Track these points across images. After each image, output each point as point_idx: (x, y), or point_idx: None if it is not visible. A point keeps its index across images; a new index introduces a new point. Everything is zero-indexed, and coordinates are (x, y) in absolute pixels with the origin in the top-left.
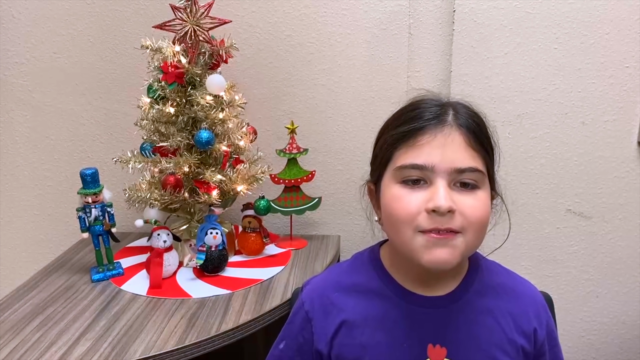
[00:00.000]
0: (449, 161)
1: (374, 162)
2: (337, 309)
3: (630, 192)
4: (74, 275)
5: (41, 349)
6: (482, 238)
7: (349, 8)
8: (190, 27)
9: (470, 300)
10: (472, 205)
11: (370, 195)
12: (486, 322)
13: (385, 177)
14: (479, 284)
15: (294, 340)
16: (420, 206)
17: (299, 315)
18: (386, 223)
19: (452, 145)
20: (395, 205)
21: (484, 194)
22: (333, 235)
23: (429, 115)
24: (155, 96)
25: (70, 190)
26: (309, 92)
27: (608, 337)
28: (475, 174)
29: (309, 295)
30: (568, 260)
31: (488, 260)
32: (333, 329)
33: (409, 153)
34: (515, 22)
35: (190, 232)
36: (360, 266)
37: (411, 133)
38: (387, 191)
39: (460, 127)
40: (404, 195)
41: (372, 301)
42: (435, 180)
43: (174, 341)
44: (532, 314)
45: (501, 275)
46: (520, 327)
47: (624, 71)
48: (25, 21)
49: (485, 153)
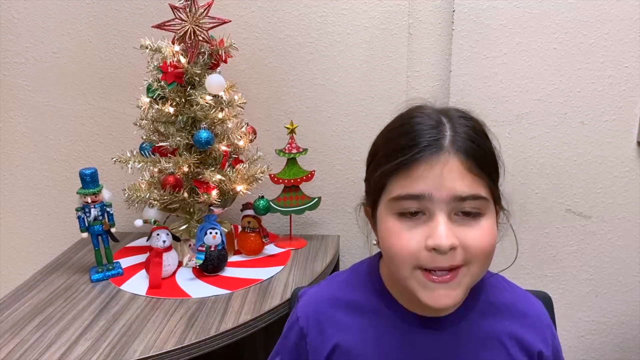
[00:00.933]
0: (448, 189)
1: (368, 187)
2: (333, 328)
3: (629, 191)
4: (74, 275)
5: (40, 348)
6: (488, 266)
7: (349, 8)
8: (189, 27)
9: (474, 321)
10: (476, 237)
11: (368, 217)
12: (489, 345)
13: (381, 206)
14: (483, 303)
15: (288, 355)
16: (419, 242)
17: (294, 330)
18: (384, 254)
19: (450, 173)
20: (393, 241)
21: (488, 222)
22: (332, 235)
23: (424, 142)
24: (154, 96)
25: (70, 190)
26: (308, 91)
27: (608, 337)
28: (478, 202)
29: (304, 310)
30: (567, 260)
31: (492, 276)
32: (328, 349)
33: (404, 182)
34: (515, 22)
35: (190, 232)
36: (358, 281)
37: (406, 163)
38: (383, 224)
39: (458, 153)
40: (402, 232)
41: (370, 321)
42: (435, 212)
43: (173, 341)
44: (538, 334)
45: (506, 292)
46: (526, 348)
47: (623, 71)
48: (25, 21)
49: (488, 176)
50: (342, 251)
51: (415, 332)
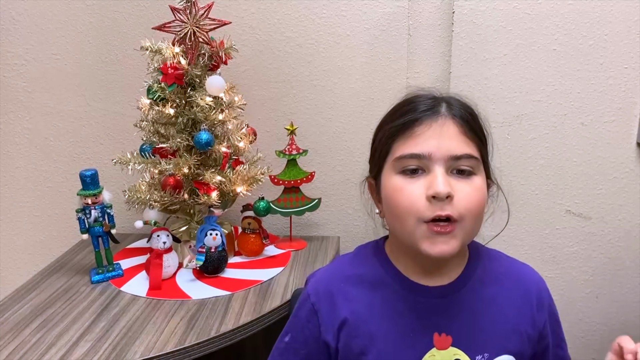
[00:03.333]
0: (445, 149)
1: (373, 157)
2: (343, 300)
3: (629, 192)
4: (74, 276)
5: (41, 350)
6: (480, 224)
7: (349, 9)
8: (189, 29)
9: (473, 288)
10: (469, 192)
11: (371, 190)
12: (489, 309)
13: (385, 170)
14: (481, 272)
15: (299, 332)
16: (420, 194)
17: (305, 307)
18: (388, 214)
19: (447, 133)
20: (397, 195)
21: (479, 180)
22: (333, 236)
23: (424, 107)
24: (155, 97)
25: (70, 191)
26: (308, 93)
27: (608, 337)
28: (471, 161)
29: (315, 287)
30: (567, 261)
31: (489, 249)
32: (339, 321)
33: (407, 144)
34: (515, 23)
35: (190, 233)
36: (365, 258)
37: (407, 124)
38: (387, 183)
39: (454, 117)
40: (405, 185)
41: (377, 292)
42: (433, 168)
43: (173, 342)
44: (535, 298)
45: (502, 262)
46: (523, 312)
47: (623, 72)
48: (25, 23)
49: (479, 141)
50: (342, 252)
51: (419, 301)
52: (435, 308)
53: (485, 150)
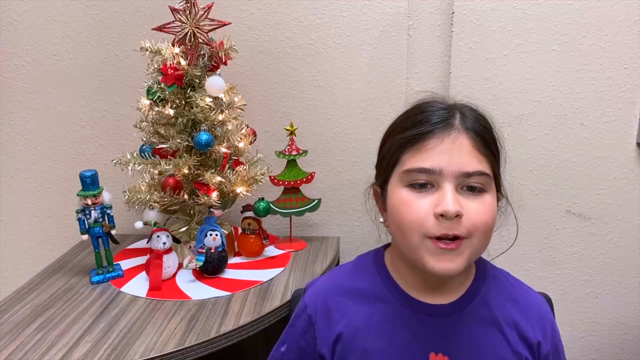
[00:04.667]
0: (457, 165)
1: (380, 165)
2: (340, 313)
3: (629, 193)
4: (74, 277)
5: (41, 351)
6: (488, 242)
7: (348, 10)
8: (189, 29)
9: (475, 309)
10: (478, 210)
11: (376, 198)
12: (490, 332)
13: (392, 181)
14: (485, 293)
15: (295, 343)
16: (428, 211)
17: (302, 318)
18: (393, 227)
19: (459, 149)
20: (403, 209)
21: (490, 197)
22: (333, 237)
23: (436, 119)
24: (154, 98)
25: (70, 192)
26: (308, 93)
27: (608, 338)
28: (482, 178)
29: (312, 299)
30: (567, 261)
31: (496, 268)
32: (335, 335)
33: (417, 157)
34: (514, 23)
35: (190, 233)
36: (364, 269)
37: (419, 137)
38: (394, 194)
39: (467, 131)
40: (412, 200)
41: (375, 307)
42: (443, 184)
43: (173, 343)
44: (538, 326)
45: (508, 284)
46: (525, 339)
47: (622, 72)
48: (25, 23)
49: (492, 156)
50: (342, 253)
51: (419, 318)
52: (434, 327)
53: (498, 165)
